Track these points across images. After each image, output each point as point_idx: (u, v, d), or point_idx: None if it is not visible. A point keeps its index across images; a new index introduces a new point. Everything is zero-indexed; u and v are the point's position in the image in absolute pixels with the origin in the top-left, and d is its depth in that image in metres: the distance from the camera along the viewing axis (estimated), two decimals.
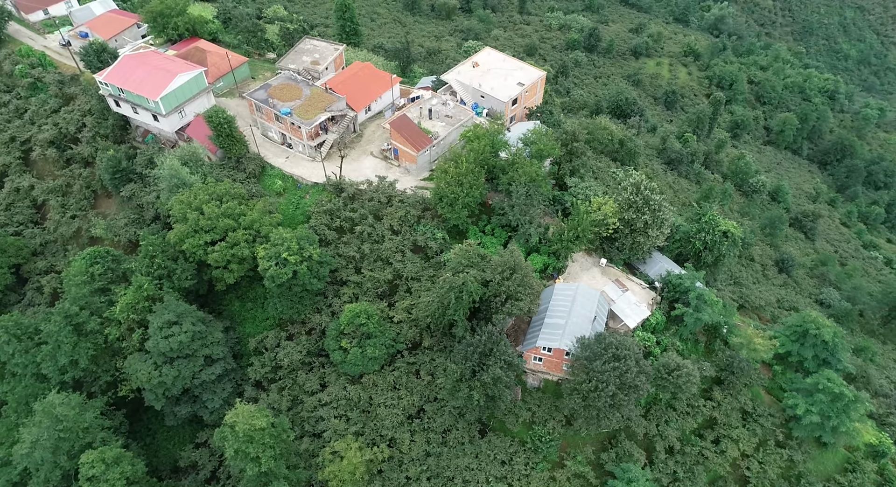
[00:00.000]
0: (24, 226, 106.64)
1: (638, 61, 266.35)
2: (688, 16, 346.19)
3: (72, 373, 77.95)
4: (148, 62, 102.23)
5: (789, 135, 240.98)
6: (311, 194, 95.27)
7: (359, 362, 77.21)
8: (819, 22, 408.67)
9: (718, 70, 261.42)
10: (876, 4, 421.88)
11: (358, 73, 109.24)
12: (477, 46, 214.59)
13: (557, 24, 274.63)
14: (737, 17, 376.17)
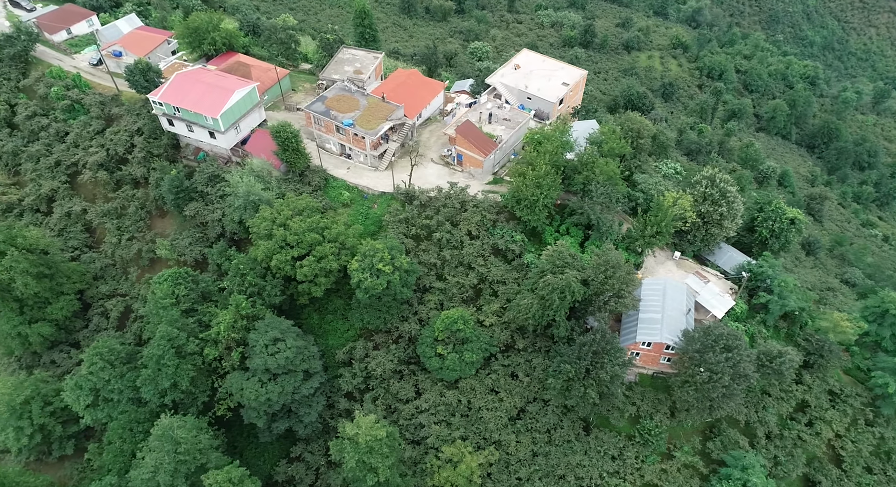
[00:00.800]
0: (79, 250, 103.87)
1: (630, 55, 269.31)
2: (666, 9, 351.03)
3: (172, 396, 76.30)
4: (201, 80, 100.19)
5: (780, 121, 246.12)
6: (379, 204, 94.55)
7: (456, 367, 77.10)
8: (784, 10, 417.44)
9: (708, 61, 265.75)
10: None
11: (407, 80, 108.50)
12: (482, 47, 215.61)
13: (549, 21, 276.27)
14: (712, 9, 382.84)
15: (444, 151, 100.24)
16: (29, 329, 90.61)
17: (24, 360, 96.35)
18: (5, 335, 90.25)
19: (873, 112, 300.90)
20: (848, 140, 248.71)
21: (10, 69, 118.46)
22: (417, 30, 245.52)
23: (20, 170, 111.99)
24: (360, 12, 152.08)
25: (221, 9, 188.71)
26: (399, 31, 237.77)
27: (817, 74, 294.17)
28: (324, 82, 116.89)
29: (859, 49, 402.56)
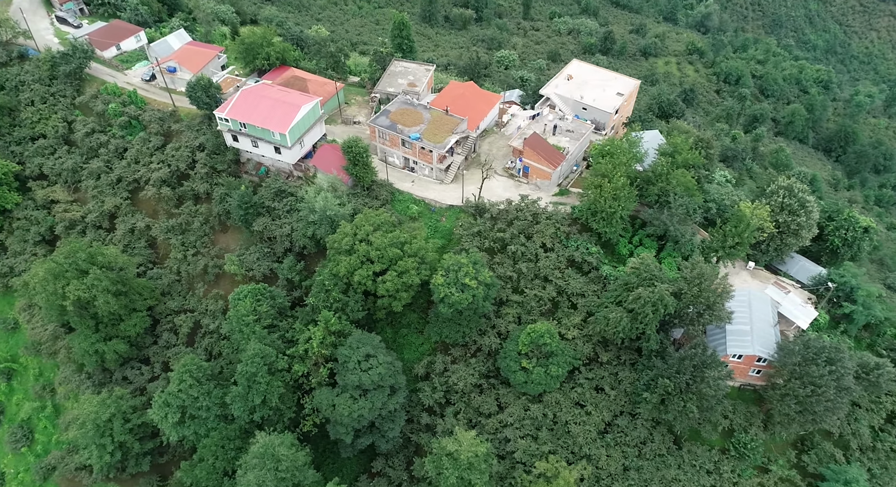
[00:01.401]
0: (143, 266, 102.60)
1: (648, 61, 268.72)
2: (675, 14, 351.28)
3: (260, 413, 74.99)
4: (267, 95, 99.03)
5: (799, 125, 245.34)
6: (447, 217, 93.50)
7: (542, 381, 75.84)
8: (787, 15, 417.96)
9: (725, 66, 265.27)
10: None
11: (465, 93, 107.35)
12: (509, 55, 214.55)
13: (566, 28, 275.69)
14: (720, 15, 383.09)
15: (507, 163, 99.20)
16: (105, 346, 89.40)
17: (96, 377, 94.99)
18: (83, 352, 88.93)
19: (885, 115, 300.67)
20: (864, 143, 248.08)
21: (66, 86, 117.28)
22: (440, 39, 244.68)
23: (80, 187, 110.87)
24: (399, 24, 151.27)
25: (253, 22, 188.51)
26: (423, 40, 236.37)
27: (830, 78, 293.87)
28: (377, 95, 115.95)
29: (861, 52, 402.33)
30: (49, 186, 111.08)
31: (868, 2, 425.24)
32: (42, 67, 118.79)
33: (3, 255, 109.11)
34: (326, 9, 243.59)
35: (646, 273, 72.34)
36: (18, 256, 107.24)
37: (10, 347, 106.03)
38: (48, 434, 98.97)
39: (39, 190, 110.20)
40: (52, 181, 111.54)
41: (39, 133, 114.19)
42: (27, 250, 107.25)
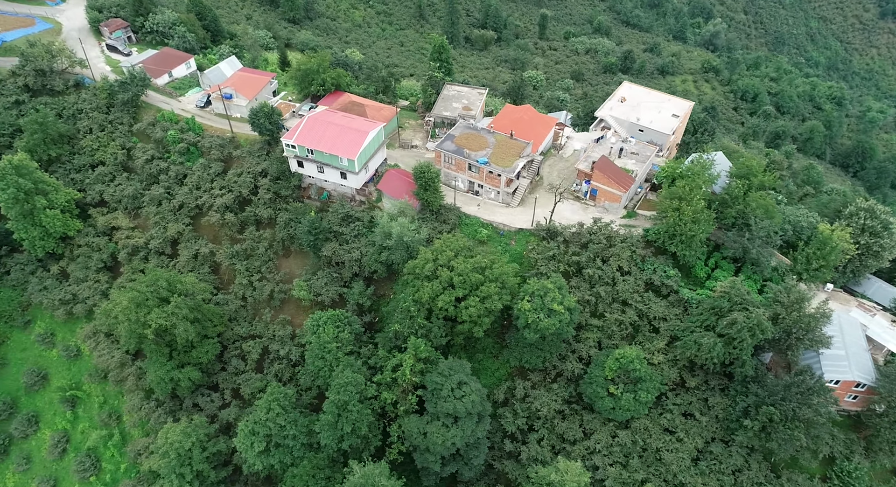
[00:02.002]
0: (209, 292, 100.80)
1: (665, 79, 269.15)
2: (685, 33, 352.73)
3: (349, 441, 72.89)
4: (333, 121, 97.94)
5: (817, 141, 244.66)
6: (517, 240, 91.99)
7: (631, 407, 73.85)
8: (789, 33, 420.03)
9: (742, 83, 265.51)
10: (836, 14, 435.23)
11: (522, 116, 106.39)
12: (536, 76, 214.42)
13: (584, 48, 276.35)
14: (728, 33, 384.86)
15: (572, 186, 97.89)
16: (180, 373, 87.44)
17: (167, 405, 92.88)
18: (159, 380, 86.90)
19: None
20: (882, 159, 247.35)
21: (123, 114, 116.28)
22: (464, 60, 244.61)
23: (140, 213, 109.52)
24: (439, 47, 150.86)
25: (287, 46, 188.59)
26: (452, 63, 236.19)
27: (843, 95, 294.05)
28: (431, 119, 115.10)
29: (862, 68, 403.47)
30: (110, 213, 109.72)
31: (867, 20, 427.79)
32: (99, 96, 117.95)
33: (65, 282, 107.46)
34: (352, 31, 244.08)
35: (737, 297, 70.63)
36: (81, 283, 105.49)
37: (73, 374, 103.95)
38: (115, 463, 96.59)
39: (100, 216, 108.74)
40: (113, 207, 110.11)
41: (98, 160, 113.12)
42: (90, 277, 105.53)
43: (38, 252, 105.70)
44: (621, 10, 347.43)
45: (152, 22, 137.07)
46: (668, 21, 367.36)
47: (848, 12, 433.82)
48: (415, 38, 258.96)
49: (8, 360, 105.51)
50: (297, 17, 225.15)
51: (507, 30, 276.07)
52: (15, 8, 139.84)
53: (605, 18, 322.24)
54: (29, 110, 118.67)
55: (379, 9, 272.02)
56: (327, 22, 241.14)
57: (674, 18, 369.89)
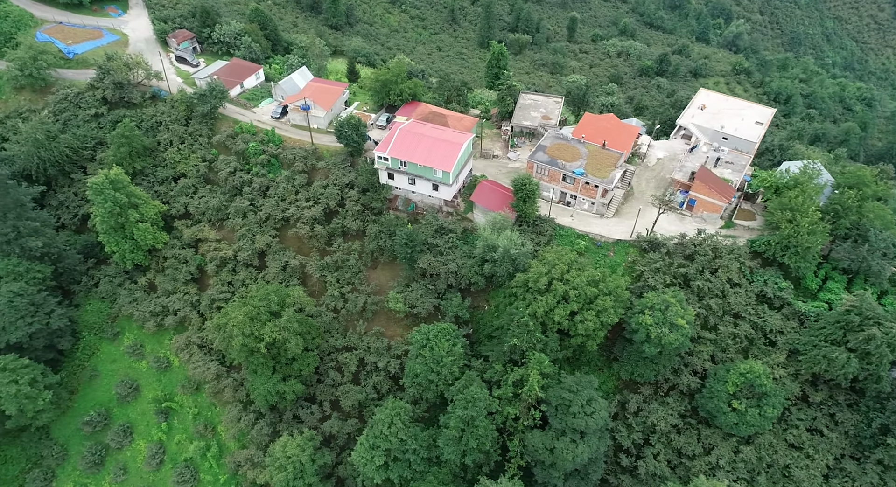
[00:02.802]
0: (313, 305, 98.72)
1: (698, 81, 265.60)
2: (707, 34, 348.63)
3: (472, 456, 71.04)
4: (424, 134, 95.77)
5: (853, 142, 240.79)
6: (616, 252, 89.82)
7: (756, 423, 71.70)
8: (805, 33, 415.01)
9: (775, 85, 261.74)
10: (851, 14, 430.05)
11: (606, 125, 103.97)
12: (579, 80, 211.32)
13: (615, 50, 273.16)
14: (751, 34, 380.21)
15: (667, 195, 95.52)
16: (286, 386, 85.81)
17: (268, 416, 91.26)
18: (266, 392, 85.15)
19: None
20: None
21: (202, 126, 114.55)
22: (516, 63, 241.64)
23: (224, 225, 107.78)
24: (497, 55, 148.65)
25: (338, 53, 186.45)
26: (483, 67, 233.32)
27: (872, 96, 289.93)
28: (509, 128, 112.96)
29: (878, 68, 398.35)
30: (194, 225, 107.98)
31: (882, 19, 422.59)
32: (178, 108, 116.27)
33: (153, 294, 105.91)
34: (391, 37, 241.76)
35: (868, 311, 68.33)
36: (171, 295, 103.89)
37: (164, 385, 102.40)
38: (214, 474, 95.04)
39: (186, 229, 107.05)
40: (197, 219, 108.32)
41: (180, 172, 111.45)
42: (178, 289, 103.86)
43: (127, 264, 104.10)
44: (644, 11, 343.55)
45: (219, 33, 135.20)
46: (690, 22, 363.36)
47: (863, 12, 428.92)
48: (450, 42, 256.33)
49: (98, 371, 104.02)
50: (339, 24, 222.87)
51: (539, 33, 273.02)
52: (83, 20, 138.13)
53: (629, 20, 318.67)
54: (107, 123, 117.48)
55: (413, 13, 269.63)
56: (366, 27, 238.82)
57: (695, 20, 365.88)
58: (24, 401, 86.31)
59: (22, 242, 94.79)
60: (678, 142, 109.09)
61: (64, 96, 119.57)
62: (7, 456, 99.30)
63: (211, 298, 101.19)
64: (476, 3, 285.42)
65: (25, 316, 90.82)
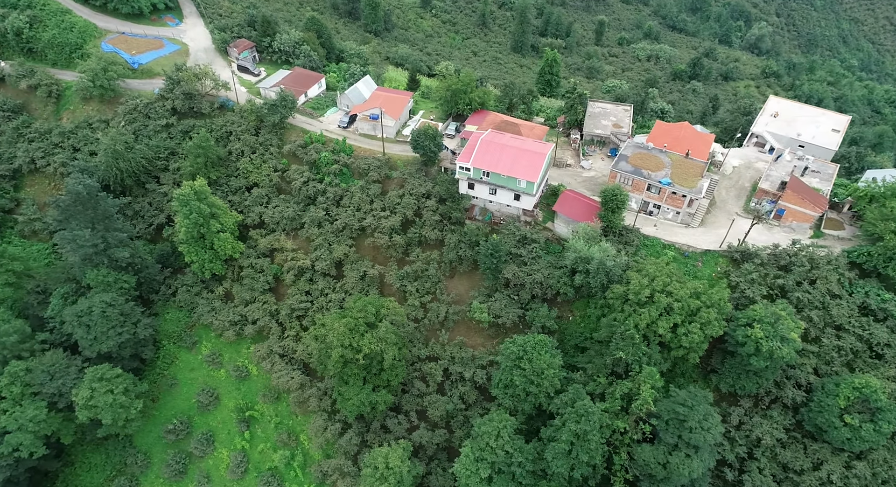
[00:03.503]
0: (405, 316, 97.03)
1: (728, 84, 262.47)
2: (730, 36, 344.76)
3: (581, 470, 69.25)
4: (506, 144, 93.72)
5: (887, 146, 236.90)
6: (705, 262, 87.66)
7: (871, 438, 69.53)
8: (821, 34, 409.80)
9: (806, 88, 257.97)
10: (867, 16, 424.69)
11: (682, 133, 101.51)
12: (621, 85, 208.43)
13: (645, 54, 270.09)
14: (773, 36, 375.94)
15: (752, 204, 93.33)
16: (378, 396, 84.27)
17: (356, 427, 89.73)
18: (359, 403, 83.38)
19: None
20: None
21: (272, 136, 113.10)
22: (537, 69, 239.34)
23: (298, 235, 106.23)
24: (550, 61, 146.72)
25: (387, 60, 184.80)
26: (522, 71, 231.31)
27: None
28: (578, 136, 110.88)
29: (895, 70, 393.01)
30: (269, 234, 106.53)
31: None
32: (248, 118, 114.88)
33: (231, 303, 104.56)
34: (428, 43, 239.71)
35: None
36: (249, 305, 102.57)
37: (243, 394, 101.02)
38: (299, 483, 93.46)
39: (261, 238, 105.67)
40: (271, 229, 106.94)
41: (253, 182, 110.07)
42: (257, 298, 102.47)
43: (205, 274, 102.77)
44: (666, 14, 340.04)
45: (279, 42, 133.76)
46: (712, 25, 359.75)
47: (879, 14, 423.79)
48: (483, 47, 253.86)
49: (178, 380, 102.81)
50: (378, 29, 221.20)
51: (570, 37, 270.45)
52: (145, 30, 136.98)
53: (654, 24, 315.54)
54: (177, 133, 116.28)
55: (444, 18, 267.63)
56: (402, 33, 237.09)
57: (716, 22, 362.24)
58: (118, 410, 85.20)
59: (110, 253, 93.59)
60: (751, 150, 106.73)
61: (133, 106, 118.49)
62: (92, 464, 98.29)
63: (290, 307, 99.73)
64: (503, 6, 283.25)
65: (116, 325, 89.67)
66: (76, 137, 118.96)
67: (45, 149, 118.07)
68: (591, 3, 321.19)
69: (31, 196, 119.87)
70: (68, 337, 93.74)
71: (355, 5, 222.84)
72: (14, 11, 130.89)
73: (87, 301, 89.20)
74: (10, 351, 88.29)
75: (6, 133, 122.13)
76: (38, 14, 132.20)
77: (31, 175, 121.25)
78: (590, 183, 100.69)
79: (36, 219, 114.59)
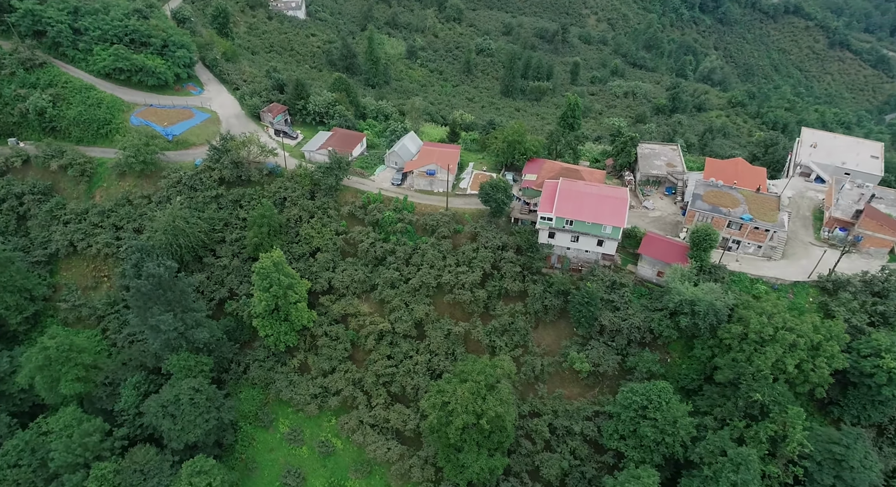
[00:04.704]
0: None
1: (702, 114, 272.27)
2: (685, 70, 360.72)
3: None
4: (584, 191, 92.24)
5: None
6: (796, 293, 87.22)
7: None
8: (756, 64, 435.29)
9: (773, 115, 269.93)
10: (792, 46, 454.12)
11: (738, 168, 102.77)
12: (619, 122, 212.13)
13: (622, 91, 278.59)
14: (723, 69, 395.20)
15: (824, 233, 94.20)
16: (494, 461, 78.90)
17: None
18: (478, 470, 77.65)
19: None
20: None
21: (328, 199, 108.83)
22: (532, 110, 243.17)
23: (370, 297, 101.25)
24: (573, 105, 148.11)
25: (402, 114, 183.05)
26: (520, 114, 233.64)
27: (850, 120, 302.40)
28: (631, 177, 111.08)
29: (822, 93, 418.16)
30: (339, 299, 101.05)
31: (819, 50, 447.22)
32: (302, 182, 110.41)
33: (307, 375, 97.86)
34: (421, 93, 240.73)
35: None
36: (329, 375, 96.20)
37: (332, 471, 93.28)
38: None
39: (333, 304, 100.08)
40: (341, 293, 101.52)
41: (315, 247, 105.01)
42: (337, 368, 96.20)
43: (280, 347, 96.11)
44: (626, 52, 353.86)
45: (314, 104, 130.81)
46: (667, 61, 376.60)
47: (802, 44, 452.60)
48: (474, 93, 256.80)
49: (257, 463, 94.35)
50: (378, 83, 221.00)
51: (551, 79, 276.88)
52: (172, 101, 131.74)
53: (618, 61, 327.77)
54: (227, 203, 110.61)
55: (431, 67, 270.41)
56: (398, 84, 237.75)
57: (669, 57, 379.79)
58: None
59: (189, 334, 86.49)
60: (797, 180, 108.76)
61: (177, 179, 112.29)
62: None
63: (375, 374, 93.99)
64: (482, 53, 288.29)
65: (203, 412, 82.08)
66: (117, 215, 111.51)
67: (85, 231, 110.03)
68: (559, 46, 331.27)
69: (70, 280, 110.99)
70: (147, 430, 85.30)
71: (352, 61, 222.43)
72: (35, 91, 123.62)
73: (172, 389, 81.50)
74: (92, 451, 79.33)
75: (38, 216, 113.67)
76: (61, 92, 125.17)
77: (68, 258, 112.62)
78: (658, 223, 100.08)
79: (80, 304, 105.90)
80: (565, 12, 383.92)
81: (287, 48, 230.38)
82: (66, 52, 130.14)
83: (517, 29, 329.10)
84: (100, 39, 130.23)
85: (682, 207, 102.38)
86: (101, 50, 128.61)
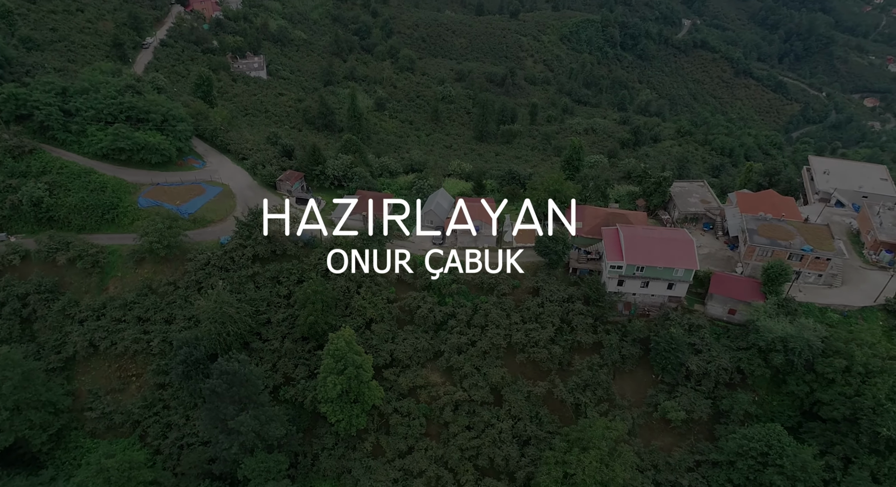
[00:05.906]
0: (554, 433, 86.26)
1: (658, 144, 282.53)
2: (625, 103, 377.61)
3: None
4: (649, 236, 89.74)
5: None
6: (866, 318, 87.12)
7: None
8: (677, 94, 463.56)
9: (719, 142, 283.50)
10: (704, 76, 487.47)
11: (773, 201, 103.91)
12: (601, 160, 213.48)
13: (581, 128, 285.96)
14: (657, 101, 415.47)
15: (871, 256, 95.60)
16: None
17: None
18: None
19: None
20: None
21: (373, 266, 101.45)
22: (507, 152, 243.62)
23: (436, 366, 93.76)
24: (577, 149, 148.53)
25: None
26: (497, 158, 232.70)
27: (780, 140, 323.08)
28: (668, 216, 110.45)
29: (736, 115, 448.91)
30: (402, 371, 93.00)
31: (727, 78, 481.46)
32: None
33: (382, 458, 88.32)
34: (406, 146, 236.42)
35: None
36: (408, 455, 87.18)
37: None
38: None
39: (399, 377, 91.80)
40: (405, 365, 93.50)
41: (370, 318, 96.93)
42: (416, 446, 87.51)
43: (351, 431, 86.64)
44: (570, 90, 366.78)
45: (332, 168, 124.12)
46: (607, 96, 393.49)
47: (712, 74, 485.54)
48: (449, 140, 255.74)
49: None
50: (361, 138, 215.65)
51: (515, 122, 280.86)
52: (180, 177, 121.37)
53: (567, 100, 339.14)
54: (265, 281, 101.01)
55: (402, 118, 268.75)
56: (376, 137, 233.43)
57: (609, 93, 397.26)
58: None
59: (262, 432, 76.03)
60: (818, 206, 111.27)
61: (205, 260, 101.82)
62: None
63: (460, 448, 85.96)
64: (444, 100, 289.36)
65: None
66: (140, 307, 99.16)
67: (107, 328, 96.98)
68: (509, 88, 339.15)
69: (92, 385, 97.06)
70: None
71: (330, 118, 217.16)
72: (27, 180, 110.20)
73: None
74: None
75: (48, 318, 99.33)
76: (57, 179, 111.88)
77: (86, 361, 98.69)
78: (710, 260, 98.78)
79: (111, 411, 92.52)
80: (504, 56, 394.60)
81: (262, 110, 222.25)
82: (56, 135, 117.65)
83: (468, 75, 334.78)
84: (93, 119, 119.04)
85: (726, 242, 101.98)
86: (97, 130, 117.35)
